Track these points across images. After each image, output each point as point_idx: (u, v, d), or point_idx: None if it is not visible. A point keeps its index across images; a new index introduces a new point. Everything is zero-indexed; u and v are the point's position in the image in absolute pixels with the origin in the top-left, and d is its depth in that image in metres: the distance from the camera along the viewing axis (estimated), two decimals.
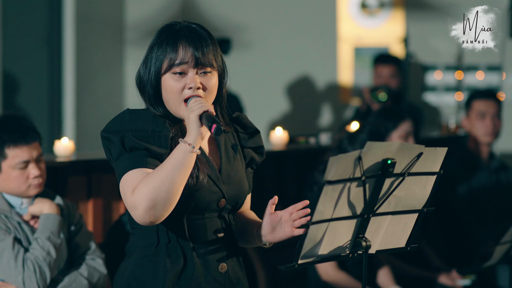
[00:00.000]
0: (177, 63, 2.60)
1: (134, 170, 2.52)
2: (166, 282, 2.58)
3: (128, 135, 2.54)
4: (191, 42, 2.61)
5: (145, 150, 2.54)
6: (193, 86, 2.60)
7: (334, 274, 4.34)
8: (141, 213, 2.47)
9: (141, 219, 2.48)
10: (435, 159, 2.66)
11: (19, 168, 3.54)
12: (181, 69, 2.60)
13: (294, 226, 2.59)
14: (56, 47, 7.36)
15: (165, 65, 2.61)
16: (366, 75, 7.50)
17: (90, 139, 7.32)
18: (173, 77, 2.61)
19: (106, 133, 2.59)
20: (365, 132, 4.46)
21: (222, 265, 2.66)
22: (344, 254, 2.67)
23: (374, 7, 7.47)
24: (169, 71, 2.61)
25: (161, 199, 2.47)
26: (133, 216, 2.50)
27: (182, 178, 2.50)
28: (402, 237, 2.75)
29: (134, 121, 2.59)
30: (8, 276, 3.49)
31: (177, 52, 2.61)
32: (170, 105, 2.63)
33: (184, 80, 2.61)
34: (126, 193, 2.51)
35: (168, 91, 2.62)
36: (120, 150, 2.55)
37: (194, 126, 2.53)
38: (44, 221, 3.56)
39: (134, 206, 2.48)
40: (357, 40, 7.52)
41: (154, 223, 2.50)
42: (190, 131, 2.54)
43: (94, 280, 3.67)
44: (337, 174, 2.51)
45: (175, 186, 2.48)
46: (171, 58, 2.61)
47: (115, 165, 2.57)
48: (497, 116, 5.41)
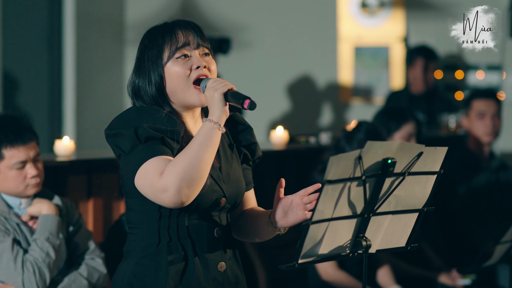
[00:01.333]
0: (180, 46, 2.61)
1: (155, 158, 2.50)
2: (169, 281, 2.57)
3: (142, 126, 2.52)
4: (188, 26, 2.64)
5: (161, 139, 2.53)
6: (200, 65, 2.61)
7: (334, 273, 4.34)
8: (173, 194, 2.46)
9: (173, 200, 2.47)
10: (435, 159, 2.66)
11: (16, 168, 3.54)
12: (184, 51, 2.61)
13: (306, 209, 2.59)
14: (56, 47, 7.36)
15: (166, 54, 2.62)
16: (366, 75, 7.51)
17: (90, 139, 7.33)
18: (177, 62, 2.61)
19: (113, 130, 2.56)
20: (362, 131, 4.46)
21: (221, 264, 2.67)
22: (344, 253, 2.67)
23: (374, 6, 7.47)
24: (172, 57, 2.61)
25: (192, 178, 2.47)
26: (163, 200, 2.49)
27: (209, 156, 2.51)
28: (402, 236, 2.75)
29: (143, 117, 2.56)
30: (7, 277, 3.49)
31: (177, 37, 2.62)
32: (177, 93, 2.62)
33: (189, 63, 2.62)
34: (152, 179, 2.48)
35: (174, 78, 2.61)
36: (134, 142, 2.52)
37: (219, 105, 2.54)
38: (43, 222, 3.56)
39: (165, 189, 2.47)
40: (357, 39, 7.53)
41: (184, 204, 2.49)
42: (215, 110, 2.54)
43: (94, 280, 3.67)
44: (337, 174, 2.51)
45: (205, 164, 2.49)
46: (171, 45, 2.61)
47: (128, 158, 2.54)
48: (497, 116, 5.41)
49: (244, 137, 2.77)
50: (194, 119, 2.69)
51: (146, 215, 2.59)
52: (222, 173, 2.66)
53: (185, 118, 2.67)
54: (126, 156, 2.55)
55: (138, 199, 2.58)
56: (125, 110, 2.62)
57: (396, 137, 4.72)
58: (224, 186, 2.64)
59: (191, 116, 2.69)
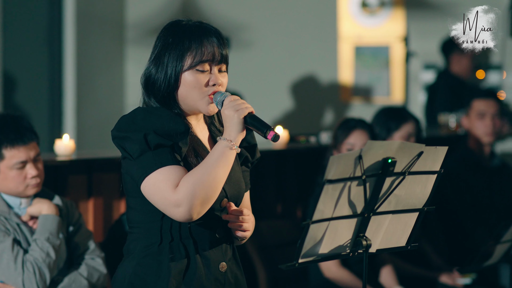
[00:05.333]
0: (204, 59, 2.61)
1: (167, 168, 2.51)
2: (171, 280, 2.57)
3: (152, 132, 2.52)
4: (216, 40, 2.63)
5: (170, 147, 2.54)
6: (216, 83, 2.62)
7: (336, 271, 4.34)
8: (186, 210, 2.48)
9: (184, 215, 2.49)
10: (435, 158, 2.66)
11: (16, 169, 3.54)
12: (207, 66, 2.61)
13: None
14: (57, 46, 7.36)
15: (188, 61, 2.60)
16: (366, 74, 7.51)
17: (90, 138, 7.33)
18: (196, 74, 2.61)
19: (121, 132, 2.56)
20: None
21: (222, 264, 2.67)
22: (344, 253, 2.67)
23: (375, 6, 7.47)
24: (193, 67, 2.61)
25: (206, 197, 2.50)
26: (173, 214, 2.50)
27: (224, 175, 2.54)
28: (402, 236, 2.75)
29: (149, 119, 2.56)
30: (8, 277, 3.49)
31: (202, 49, 2.61)
32: (188, 100, 2.62)
33: (206, 77, 2.62)
34: (165, 191, 2.49)
35: (189, 87, 2.61)
36: (143, 148, 2.52)
37: (238, 127, 2.56)
38: (43, 222, 3.56)
39: (178, 204, 2.49)
40: (357, 39, 7.53)
41: (193, 219, 2.52)
42: (232, 130, 2.56)
43: (94, 280, 3.67)
44: (337, 173, 2.51)
45: (219, 183, 2.52)
46: (196, 55, 2.60)
47: (136, 163, 2.54)
48: (497, 116, 5.39)
49: (245, 139, 2.77)
50: (197, 120, 2.70)
51: (148, 214, 2.59)
52: None
53: (189, 120, 2.68)
54: (134, 160, 2.55)
55: (141, 198, 2.58)
56: (131, 111, 2.61)
57: (395, 137, 4.71)
58: (226, 187, 2.64)
59: (195, 117, 2.70)
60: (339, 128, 4.44)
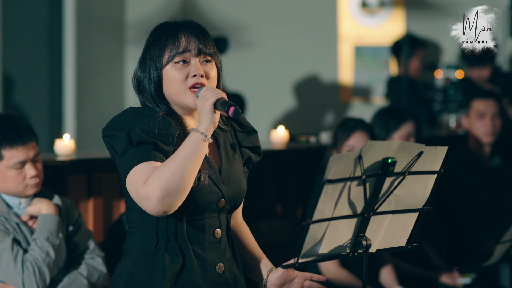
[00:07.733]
0: (180, 51, 2.61)
1: (144, 163, 2.51)
2: (165, 282, 2.57)
3: (135, 130, 2.53)
4: (193, 31, 2.64)
5: (152, 144, 2.54)
6: (197, 73, 2.61)
7: (336, 271, 4.34)
8: (155, 202, 2.47)
9: (155, 208, 2.48)
10: (435, 158, 2.66)
11: (15, 169, 3.54)
12: (184, 57, 2.61)
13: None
14: (57, 46, 7.37)
15: (166, 57, 2.62)
16: (366, 74, 7.51)
17: (90, 138, 7.33)
18: (176, 67, 2.61)
19: (109, 131, 2.58)
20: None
21: (219, 265, 2.66)
22: (344, 253, 2.67)
23: (375, 6, 7.47)
24: (171, 61, 2.62)
25: (174, 188, 2.47)
26: (145, 207, 2.50)
27: (194, 167, 2.51)
28: (402, 236, 2.75)
29: (139, 119, 2.57)
30: (7, 277, 3.49)
31: (178, 42, 2.62)
32: (173, 96, 2.63)
33: (187, 69, 2.62)
34: (137, 185, 2.50)
35: (171, 82, 2.62)
36: (126, 145, 2.54)
37: (207, 115, 2.54)
38: (43, 221, 3.56)
39: (147, 197, 2.48)
40: (357, 39, 7.53)
41: (167, 213, 2.50)
42: (203, 120, 2.54)
43: (94, 279, 3.67)
44: (337, 173, 2.51)
45: (188, 175, 2.49)
46: (172, 48, 2.61)
47: (121, 161, 2.56)
48: (497, 116, 5.39)
49: (249, 139, 2.77)
50: (195, 120, 2.69)
51: (145, 214, 2.59)
52: (222, 174, 2.66)
53: (185, 120, 2.67)
54: (119, 158, 2.57)
55: None
56: (122, 111, 2.64)
57: (395, 137, 4.71)
58: (223, 187, 2.64)
59: (191, 117, 2.69)
60: (339, 128, 4.44)
